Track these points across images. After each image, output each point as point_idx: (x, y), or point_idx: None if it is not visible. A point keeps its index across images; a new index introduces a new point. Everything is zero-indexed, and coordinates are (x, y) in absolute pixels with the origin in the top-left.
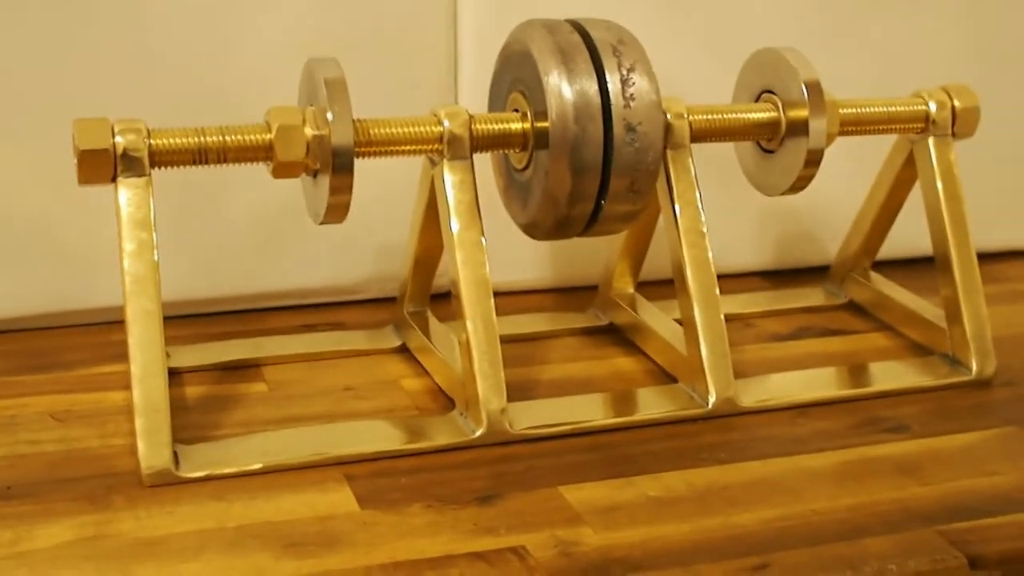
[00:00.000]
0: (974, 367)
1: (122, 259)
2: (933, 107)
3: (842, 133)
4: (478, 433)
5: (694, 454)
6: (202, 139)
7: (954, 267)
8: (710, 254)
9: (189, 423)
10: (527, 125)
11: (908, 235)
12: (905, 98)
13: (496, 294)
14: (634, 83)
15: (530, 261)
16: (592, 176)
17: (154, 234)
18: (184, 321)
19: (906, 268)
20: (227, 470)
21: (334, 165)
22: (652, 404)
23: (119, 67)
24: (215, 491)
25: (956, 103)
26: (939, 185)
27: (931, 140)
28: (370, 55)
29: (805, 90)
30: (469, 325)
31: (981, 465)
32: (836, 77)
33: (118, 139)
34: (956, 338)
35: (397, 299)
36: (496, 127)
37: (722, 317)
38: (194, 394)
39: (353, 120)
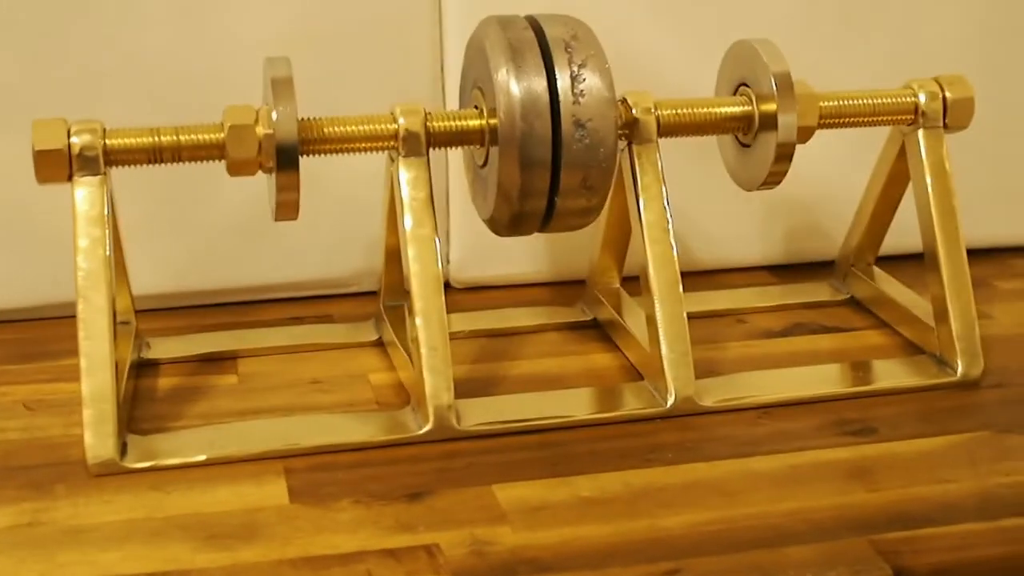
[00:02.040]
0: (959, 368)
1: (76, 255)
2: (923, 98)
3: (824, 126)
4: (424, 429)
5: (642, 454)
6: (157, 138)
7: (941, 264)
8: (674, 251)
9: (152, 414)
10: (483, 122)
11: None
12: (894, 89)
13: (492, 287)
14: (584, 79)
15: (526, 254)
16: (541, 172)
17: (108, 231)
18: (175, 312)
19: (920, 263)
20: (171, 461)
21: (278, 163)
22: (613, 402)
23: (111, 64)
24: (156, 482)
25: (948, 94)
26: (928, 179)
27: (920, 132)
28: (357, 54)
29: (774, 83)
30: (419, 321)
31: (938, 471)
32: (844, 67)
33: (74, 139)
34: (943, 338)
35: (378, 293)
36: (452, 124)
37: (684, 315)
38: (166, 385)
39: (304, 119)
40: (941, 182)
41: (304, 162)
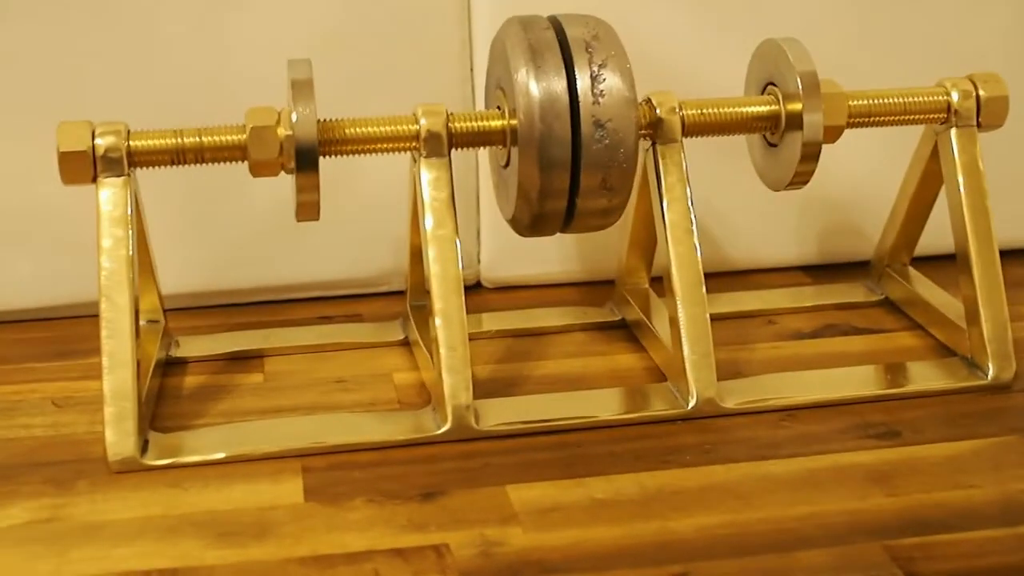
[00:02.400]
0: (991, 371)
1: (99, 255)
2: (956, 96)
3: (854, 125)
4: (443, 429)
5: (660, 456)
6: (180, 140)
7: (973, 265)
8: (698, 252)
9: (176, 412)
10: (504, 122)
11: None
12: (926, 88)
13: (523, 287)
14: (605, 79)
15: (556, 254)
16: (561, 173)
17: (131, 231)
18: (207, 311)
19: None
20: (191, 459)
21: (298, 164)
22: (633, 403)
23: (135, 67)
24: (175, 479)
25: (982, 92)
26: (960, 178)
27: (953, 131)
28: (388, 56)
29: (800, 82)
30: (439, 322)
31: (961, 476)
32: (878, 65)
33: (98, 141)
34: (974, 340)
35: (405, 292)
36: (474, 125)
37: (707, 316)
38: (192, 383)
39: (325, 120)
40: (974, 181)
41: (335, 162)
